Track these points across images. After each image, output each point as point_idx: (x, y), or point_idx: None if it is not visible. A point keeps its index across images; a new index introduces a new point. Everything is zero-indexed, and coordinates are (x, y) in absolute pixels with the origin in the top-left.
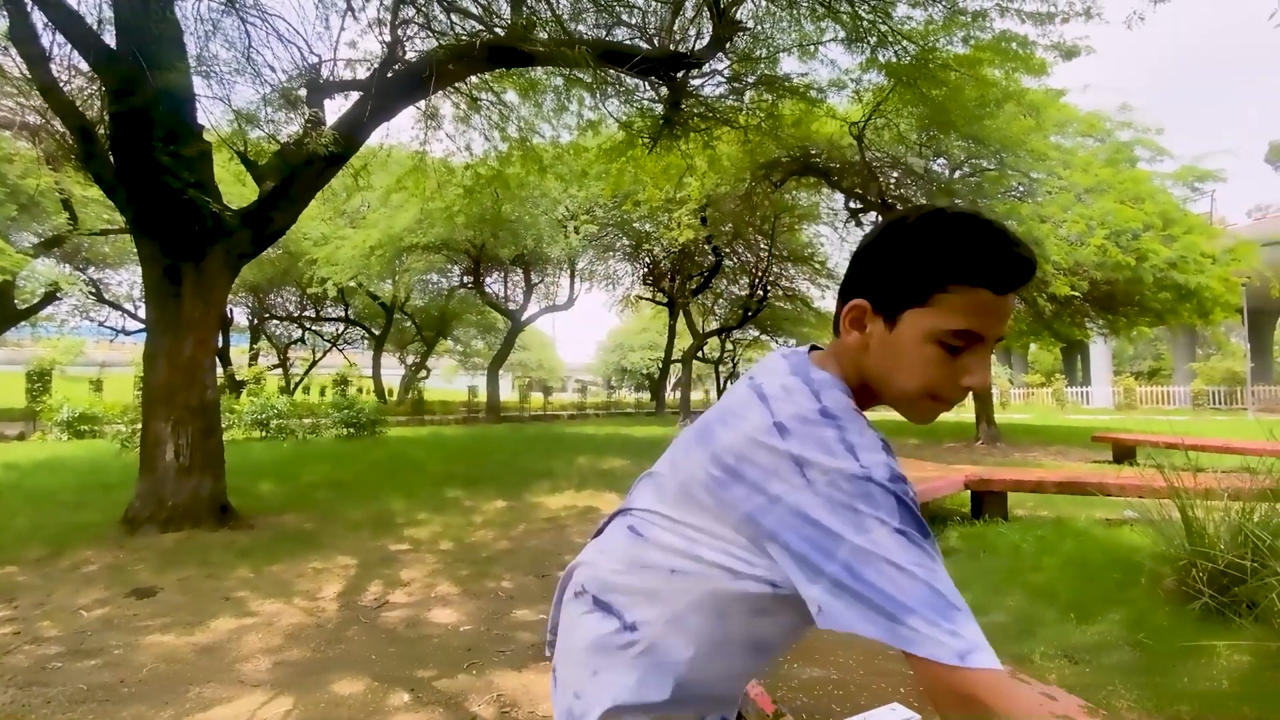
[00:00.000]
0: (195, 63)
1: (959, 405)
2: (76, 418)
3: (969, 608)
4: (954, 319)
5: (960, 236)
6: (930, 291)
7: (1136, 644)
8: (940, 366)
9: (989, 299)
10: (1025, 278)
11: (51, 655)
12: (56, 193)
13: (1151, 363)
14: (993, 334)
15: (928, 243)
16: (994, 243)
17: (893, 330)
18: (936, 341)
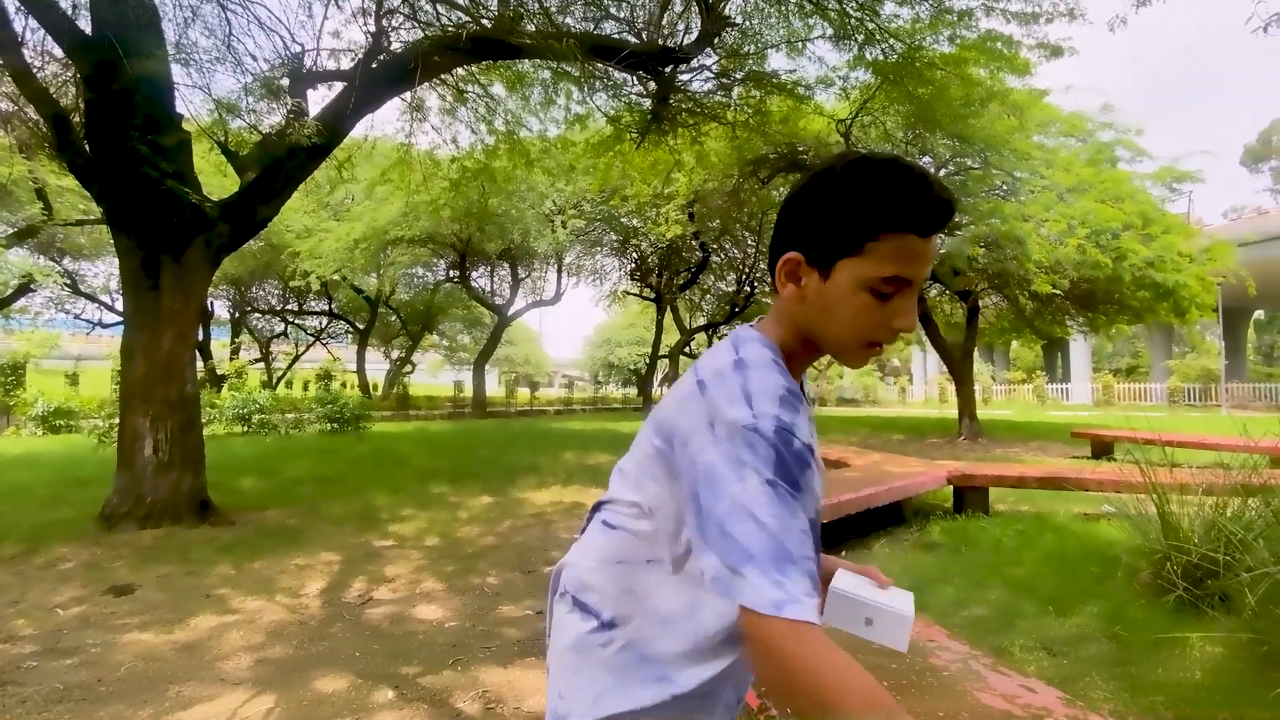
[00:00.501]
0: (174, 50)
1: (943, 402)
2: (52, 412)
3: (810, 564)
4: (885, 266)
5: (888, 184)
6: (863, 240)
7: (1113, 636)
8: (874, 313)
9: (916, 244)
10: (946, 220)
11: (26, 654)
12: (30, 182)
13: (1130, 360)
14: (920, 277)
15: (857, 192)
16: (919, 188)
17: (827, 280)
18: (869, 289)
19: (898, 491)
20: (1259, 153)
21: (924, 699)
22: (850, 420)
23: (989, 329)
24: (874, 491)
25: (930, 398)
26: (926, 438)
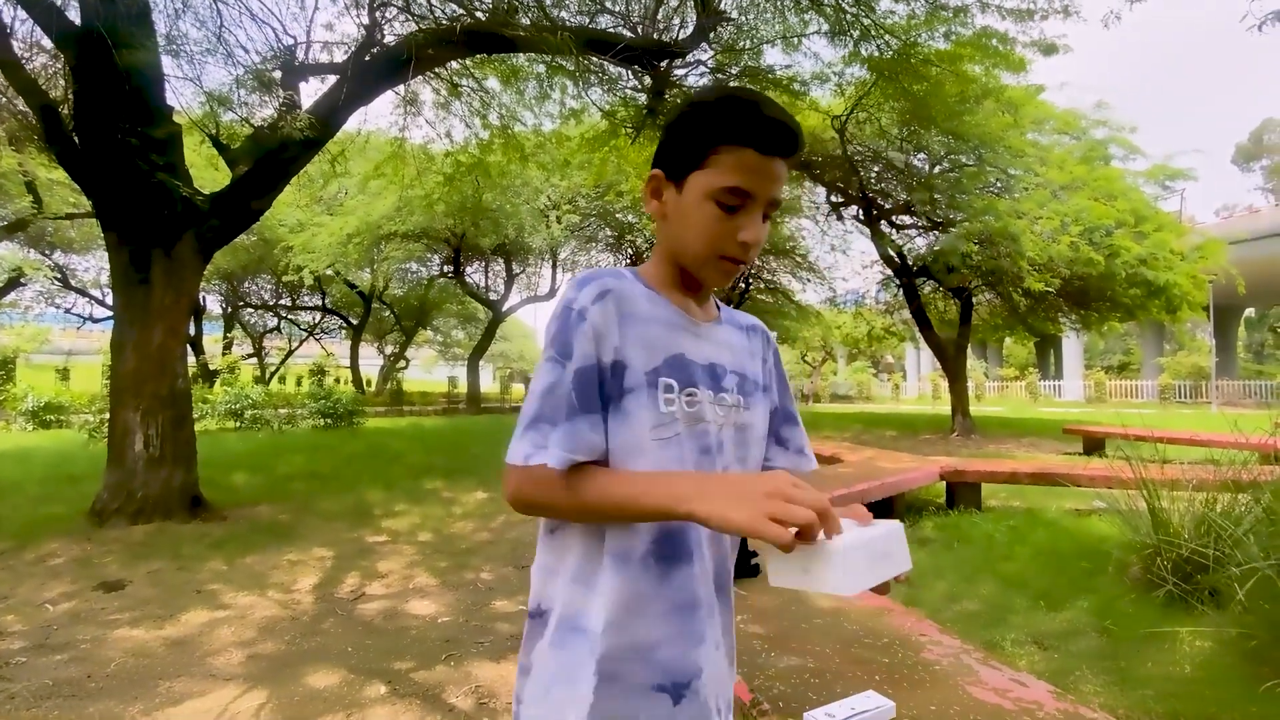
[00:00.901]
0: (164, 41)
1: (936, 398)
2: (42, 407)
3: (575, 421)
4: (725, 176)
5: (730, 104)
6: (705, 152)
7: (1103, 630)
8: (719, 223)
9: (755, 158)
10: (787, 141)
11: (16, 650)
12: (20, 174)
13: (1121, 357)
14: (762, 193)
15: (704, 111)
16: (753, 107)
17: (681, 193)
18: (714, 200)
19: (891, 487)
20: (1250, 151)
21: (916, 692)
22: (844, 416)
23: (982, 326)
24: (867, 487)
25: (924, 394)
26: (920, 434)
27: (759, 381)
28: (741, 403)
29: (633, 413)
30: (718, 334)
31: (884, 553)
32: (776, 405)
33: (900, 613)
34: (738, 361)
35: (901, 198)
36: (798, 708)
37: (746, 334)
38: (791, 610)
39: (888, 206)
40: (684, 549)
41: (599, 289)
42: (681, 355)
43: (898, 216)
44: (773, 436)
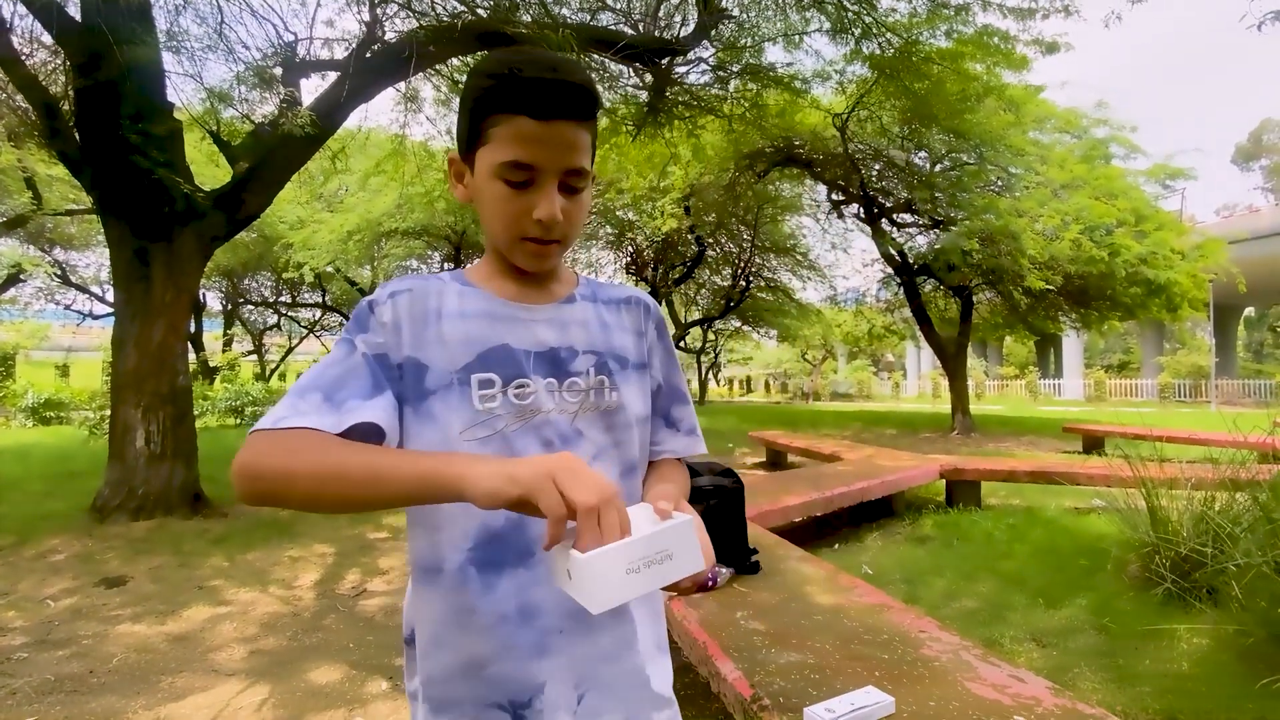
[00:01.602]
0: (165, 37)
1: (936, 397)
2: (42, 404)
3: (354, 393)
4: (503, 150)
5: (494, 70)
6: (481, 127)
7: (1101, 628)
8: (510, 203)
9: (530, 126)
10: (565, 101)
11: (17, 646)
12: (19, 171)
13: (1121, 356)
14: (549, 163)
15: (474, 81)
16: (519, 72)
17: (474, 174)
18: (500, 178)
19: (890, 485)
20: (1250, 151)
21: (915, 688)
22: (843, 415)
23: (982, 324)
24: (866, 485)
25: (924, 393)
26: (919, 432)
27: (629, 359)
28: (606, 383)
29: (438, 415)
30: (566, 314)
31: (657, 556)
32: (661, 383)
33: (900, 610)
34: (597, 340)
35: (902, 196)
36: (798, 703)
37: (618, 308)
38: (791, 607)
39: (889, 205)
40: (513, 552)
41: (395, 288)
42: (505, 346)
43: (898, 215)
44: (660, 417)
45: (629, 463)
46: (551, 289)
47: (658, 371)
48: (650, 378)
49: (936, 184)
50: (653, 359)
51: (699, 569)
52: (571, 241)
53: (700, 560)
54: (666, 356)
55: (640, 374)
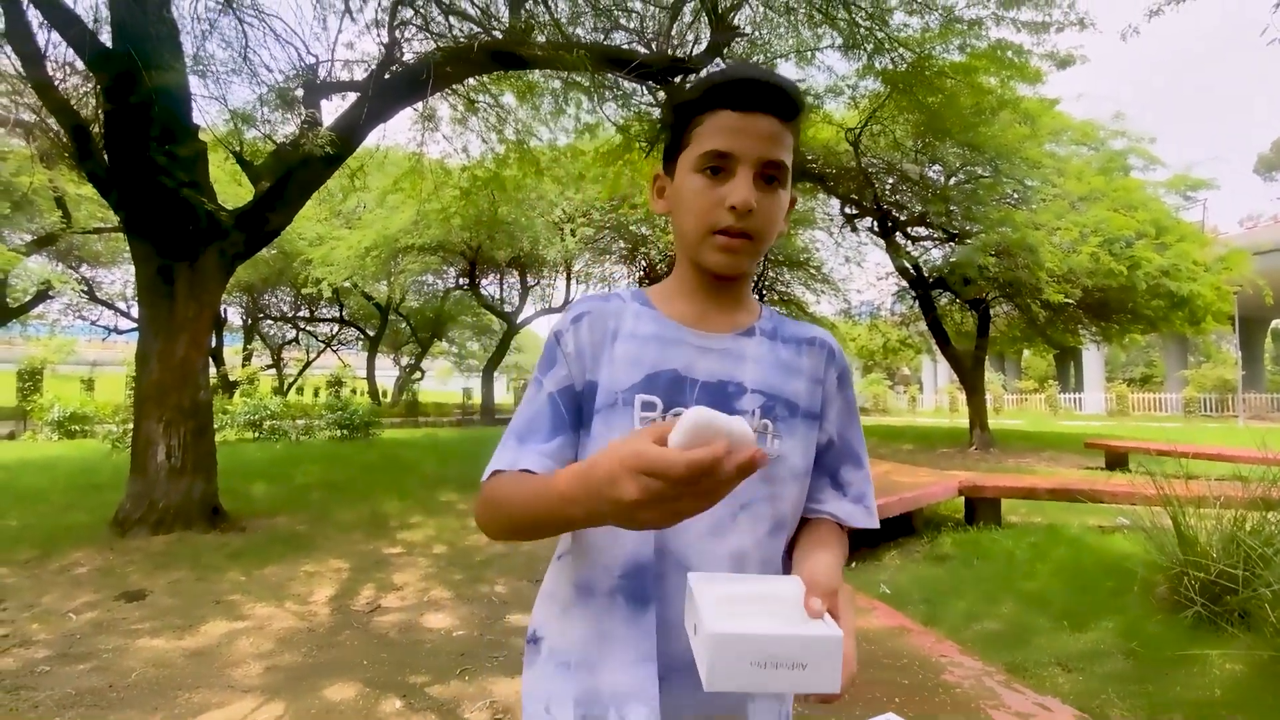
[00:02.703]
0: (191, 62)
1: (953, 411)
2: (67, 417)
3: (532, 437)
4: (704, 142)
5: (704, 79)
6: (686, 130)
7: (1129, 652)
8: (705, 194)
9: (731, 117)
10: (767, 96)
11: (40, 659)
12: (50, 190)
13: (1144, 369)
14: (747, 151)
15: (684, 94)
16: (727, 73)
17: (674, 181)
18: (698, 171)
19: (908, 502)
20: (1273, 161)
21: (938, 715)
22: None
23: (1000, 338)
24: (884, 502)
25: (940, 407)
26: (937, 447)
27: (799, 405)
28: (770, 429)
29: (599, 435)
30: (742, 347)
31: (791, 662)
32: (833, 438)
33: (919, 632)
34: (768, 379)
35: (917, 209)
36: None
37: (798, 348)
38: None
39: (903, 218)
40: (658, 581)
41: (576, 313)
42: (673, 371)
43: (913, 228)
44: (827, 476)
45: (780, 519)
46: (732, 317)
47: (831, 425)
48: (822, 430)
49: (951, 197)
50: (828, 411)
51: (833, 690)
52: (765, 243)
53: (837, 682)
54: (845, 410)
55: (809, 425)
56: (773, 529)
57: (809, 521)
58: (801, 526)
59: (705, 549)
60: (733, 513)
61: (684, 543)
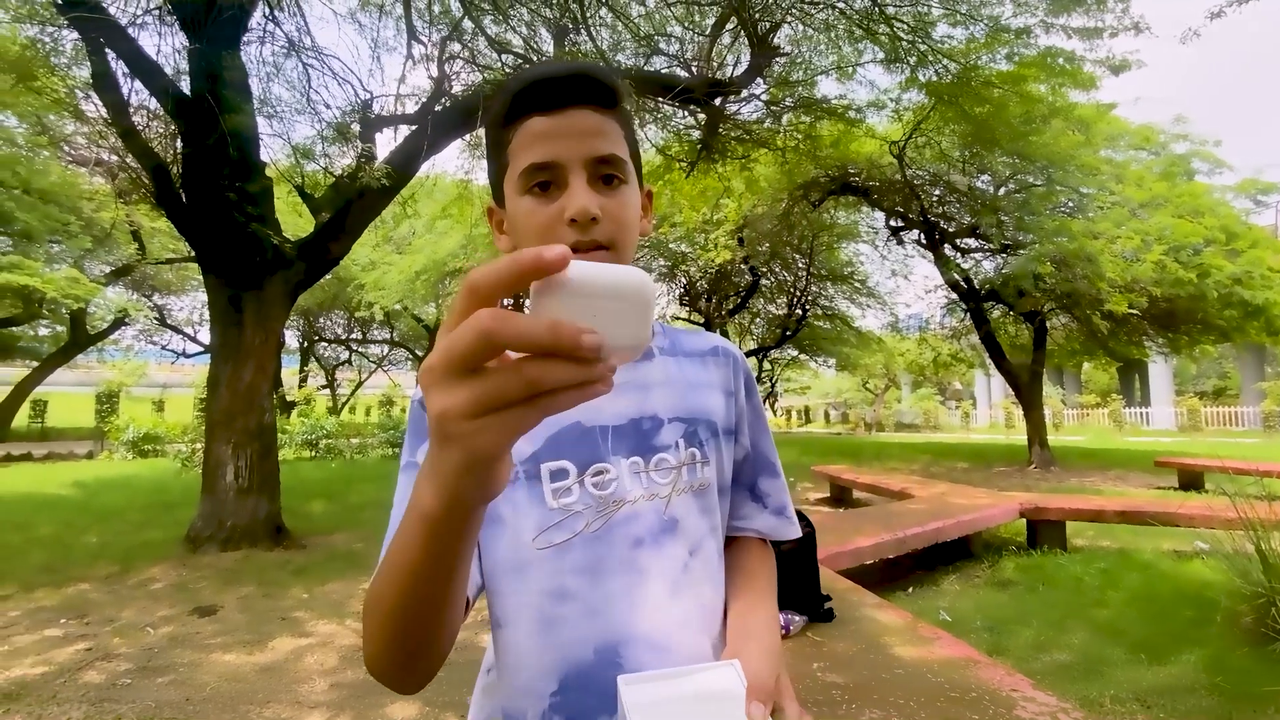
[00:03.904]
0: (258, 103)
1: (1009, 427)
2: (141, 437)
3: None
4: (521, 157)
5: (500, 94)
6: (501, 151)
7: (1214, 688)
8: (543, 212)
9: (544, 122)
10: (572, 87)
11: (122, 672)
12: (126, 224)
13: (1217, 382)
14: (569, 154)
15: (490, 115)
16: (523, 74)
17: (506, 209)
18: (524, 192)
19: (966, 525)
20: None
21: None
22: (910, 447)
23: (1058, 351)
24: (941, 525)
25: (995, 423)
26: (993, 466)
27: (718, 424)
28: (698, 457)
29: (506, 518)
30: (645, 373)
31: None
32: (749, 450)
33: (987, 664)
34: (684, 403)
35: (965, 221)
36: None
37: (702, 362)
38: (870, 659)
39: (951, 230)
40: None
41: None
42: (575, 424)
43: (962, 240)
44: (745, 489)
45: (721, 546)
46: None
47: (745, 437)
48: (739, 446)
49: (1002, 207)
50: (741, 423)
51: None
52: (625, 250)
53: None
54: (756, 419)
55: (729, 441)
56: (719, 562)
57: (733, 545)
58: (728, 556)
59: (664, 620)
60: (683, 564)
61: (634, 622)
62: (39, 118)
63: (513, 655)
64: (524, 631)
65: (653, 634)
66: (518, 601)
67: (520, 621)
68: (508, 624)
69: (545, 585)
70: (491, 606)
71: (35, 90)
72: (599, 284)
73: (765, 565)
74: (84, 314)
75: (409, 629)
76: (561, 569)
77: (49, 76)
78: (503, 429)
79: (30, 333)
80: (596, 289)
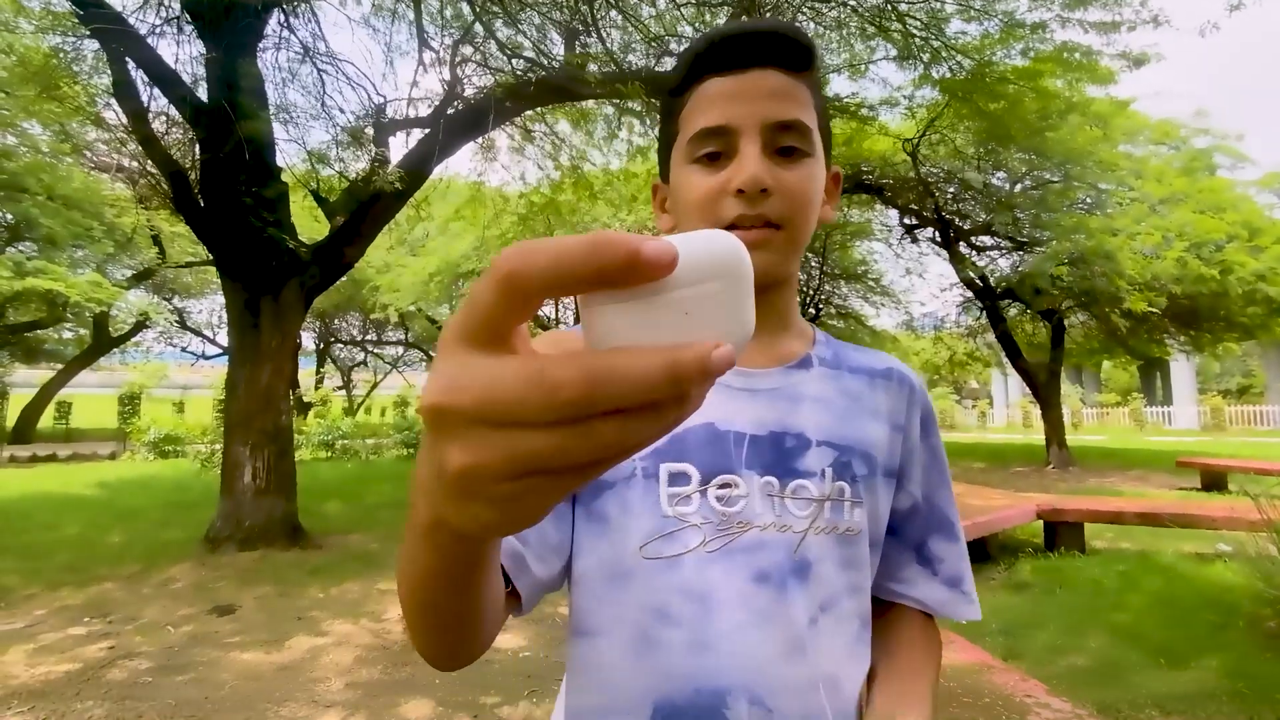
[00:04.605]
0: (275, 109)
1: (1026, 426)
2: (162, 439)
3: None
4: (692, 122)
5: (684, 50)
6: (672, 120)
7: (1236, 694)
8: (707, 183)
9: (721, 83)
10: (759, 45)
11: (143, 670)
12: (147, 229)
13: (1241, 380)
14: (743, 118)
15: (664, 86)
16: (708, 33)
17: (671, 184)
18: (691, 160)
19: (982, 527)
20: None
21: None
22: None
23: (1076, 349)
24: None
25: (1013, 422)
26: (1010, 466)
27: (878, 460)
28: (847, 493)
29: (612, 518)
30: (797, 384)
31: None
32: (918, 501)
33: (1001, 669)
34: (838, 426)
35: (981, 218)
36: None
37: (870, 382)
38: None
39: (966, 227)
40: None
41: None
42: (707, 426)
43: (977, 237)
44: (911, 548)
45: (865, 613)
46: (777, 344)
47: (916, 484)
48: (903, 490)
49: (1018, 204)
50: (911, 466)
51: None
52: (799, 231)
53: None
54: (933, 465)
55: (889, 485)
56: (860, 629)
57: (888, 614)
58: (878, 622)
59: (778, 677)
60: (810, 618)
61: (745, 671)
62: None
63: (603, 671)
64: (617, 647)
65: (766, 694)
66: (614, 613)
67: (614, 634)
68: (599, 633)
69: (647, 600)
70: (578, 610)
71: (58, 98)
72: (688, 260)
73: (927, 648)
74: (106, 317)
75: (430, 631)
76: (669, 586)
77: (71, 85)
78: (552, 491)
79: (55, 336)
80: (687, 270)
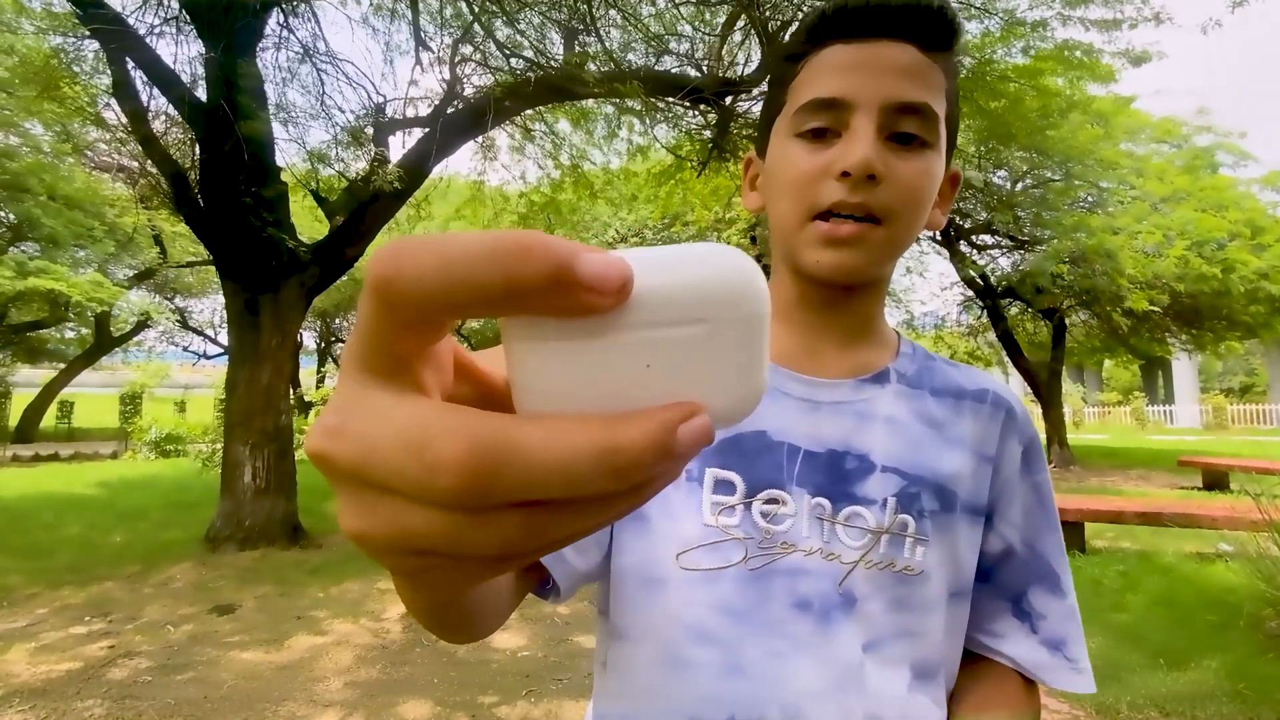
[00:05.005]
0: (274, 109)
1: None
2: (163, 438)
3: None
4: (804, 91)
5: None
6: (782, 89)
7: (1236, 695)
8: (801, 161)
9: (844, 52)
10: (895, 14)
11: (143, 669)
12: (148, 229)
13: (1243, 379)
14: (866, 94)
15: (779, 51)
16: (824, 6)
17: (767, 160)
18: (796, 134)
19: None
20: None
21: None
22: None
23: (1078, 348)
24: None
25: None
26: None
27: (957, 495)
28: (911, 528)
29: (651, 519)
30: (868, 400)
31: None
32: (1014, 546)
33: None
34: (910, 452)
35: (982, 217)
36: None
37: (957, 405)
38: None
39: (967, 226)
40: None
41: None
42: (760, 434)
43: (978, 236)
44: (1007, 600)
45: (925, 665)
46: (853, 353)
47: (1013, 526)
48: (995, 533)
49: (1019, 203)
50: (1008, 504)
51: None
52: (902, 230)
53: None
54: (1038, 507)
55: (972, 524)
56: (916, 680)
57: (978, 668)
58: (964, 677)
59: (817, 715)
60: (855, 659)
61: (787, 706)
62: (63, 125)
63: (636, 680)
64: (648, 660)
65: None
66: (646, 621)
67: (645, 645)
68: (630, 640)
69: (682, 615)
70: (612, 608)
71: (59, 99)
72: (662, 287)
73: (1016, 714)
74: (108, 317)
75: (433, 629)
76: (706, 602)
77: (72, 85)
78: (461, 579)
79: (57, 336)
80: (659, 300)
